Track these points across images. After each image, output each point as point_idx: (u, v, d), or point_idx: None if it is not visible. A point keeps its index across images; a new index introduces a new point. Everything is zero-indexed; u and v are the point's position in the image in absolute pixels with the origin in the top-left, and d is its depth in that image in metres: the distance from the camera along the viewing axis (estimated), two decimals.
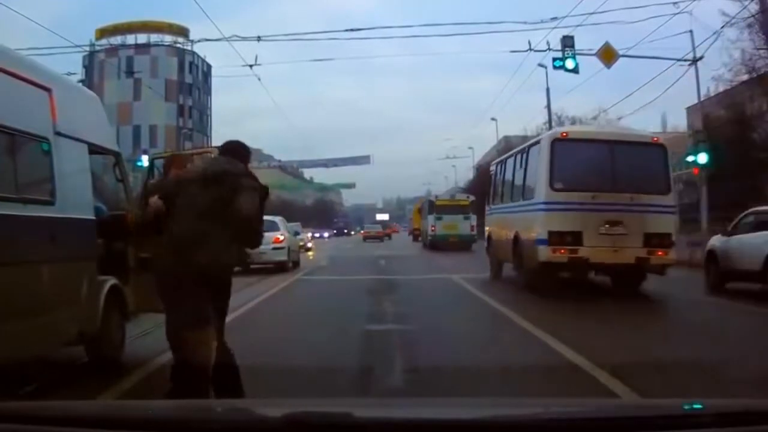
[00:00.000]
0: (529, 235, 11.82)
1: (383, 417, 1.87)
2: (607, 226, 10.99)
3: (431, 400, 3.58)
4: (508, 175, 14.63)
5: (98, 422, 1.77)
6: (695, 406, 1.92)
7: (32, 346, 4.71)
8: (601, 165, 11.36)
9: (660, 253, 11.14)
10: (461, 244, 28.93)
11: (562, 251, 11.03)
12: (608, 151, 11.44)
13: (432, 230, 31.61)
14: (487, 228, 16.75)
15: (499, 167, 15.92)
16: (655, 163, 11.63)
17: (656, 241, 11.16)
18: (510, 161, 14.64)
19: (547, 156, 11.47)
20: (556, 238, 11.07)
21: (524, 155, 13.22)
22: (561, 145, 11.54)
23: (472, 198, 31.90)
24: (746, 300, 10.54)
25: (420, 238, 38.52)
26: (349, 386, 5.20)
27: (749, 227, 11.86)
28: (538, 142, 12.60)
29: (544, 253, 11.10)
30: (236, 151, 4.50)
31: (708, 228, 22.01)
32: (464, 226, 30.52)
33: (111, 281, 5.79)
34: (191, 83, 73.05)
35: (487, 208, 17.01)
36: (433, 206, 32.50)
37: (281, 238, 17.99)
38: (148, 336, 6.76)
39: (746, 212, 12.61)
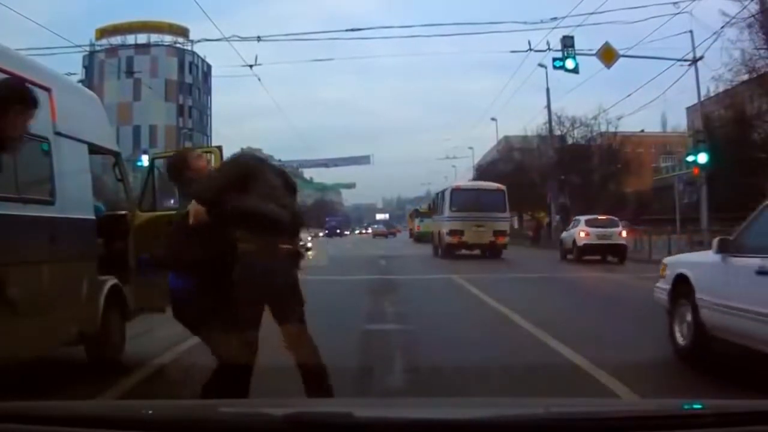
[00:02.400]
0: (443, 231, 25.14)
1: (383, 417, 1.87)
2: (476, 227, 24.13)
3: (431, 400, 3.58)
4: (437, 202, 29.14)
5: (98, 422, 1.77)
6: (695, 406, 1.92)
7: (32, 346, 4.71)
8: (473, 199, 24.95)
9: (500, 239, 24.51)
10: None
11: (456, 238, 24.37)
12: (477, 193, 25.81)
13: (418, 229, 46.85)
14: (432, 230, 30.56)
15: (435, 196, 31.48)
16: (499, 197, 25.34)
17: (498, 233, 24.47)
18: (438, 195, 29.38)
19: (449, 195, 25.80)
20: (453, 232, 24.46)
21: (443, 194, 27.47)
22: (456, 191, 26.23)
23: None
24: (571, 261, 22.14)
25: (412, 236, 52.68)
26: (349, 386, 5.19)
27: (573, 226, 23.43)
28: (447, 189, 27.07)
29: (448, 239, 24.58)
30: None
31: (708, 227, 21.99)
32: None
33: (111, 281, 5.79)
34: (191, 83, 72.99)
35: (432, 218, 31.62)
36: (418, 213, 49.85)
37: None
38: (148, 336, 6.76)
39: (574, 218, 24.85)
